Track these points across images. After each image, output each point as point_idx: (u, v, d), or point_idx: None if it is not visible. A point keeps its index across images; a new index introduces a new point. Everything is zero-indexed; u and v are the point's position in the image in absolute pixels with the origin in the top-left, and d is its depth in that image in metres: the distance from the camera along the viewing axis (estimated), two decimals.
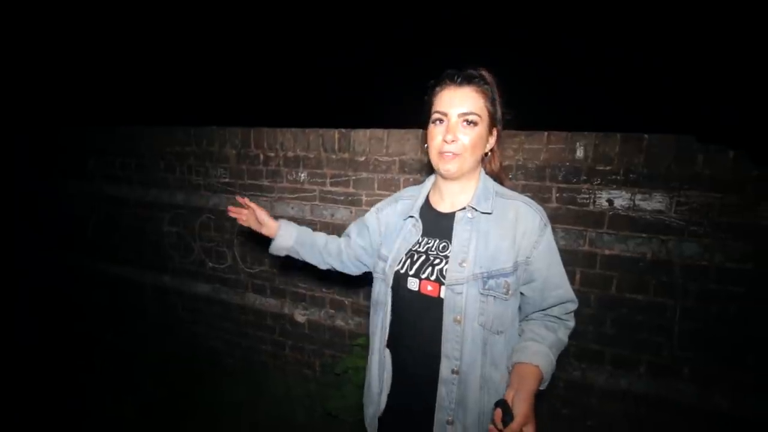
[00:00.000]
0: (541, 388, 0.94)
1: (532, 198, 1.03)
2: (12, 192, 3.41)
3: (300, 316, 2.41)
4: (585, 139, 1.63)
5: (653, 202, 1.58)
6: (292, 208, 2.28)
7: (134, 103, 6.12)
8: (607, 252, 1.68)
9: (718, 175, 1.49)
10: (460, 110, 0.92)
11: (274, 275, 2.43)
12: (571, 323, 1.03)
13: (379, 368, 1.05)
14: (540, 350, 0.94)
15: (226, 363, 2.69)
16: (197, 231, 2.62)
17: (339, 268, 1.31)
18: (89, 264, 3.18)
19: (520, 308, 1.02)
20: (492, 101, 0.95)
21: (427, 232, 1.02)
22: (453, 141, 0.92)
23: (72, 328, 3.09)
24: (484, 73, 0.96)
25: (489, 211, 0.96)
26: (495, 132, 0.98)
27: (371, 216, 1.19)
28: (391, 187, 2.02)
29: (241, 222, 1.33)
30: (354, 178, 2.09)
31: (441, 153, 0.94)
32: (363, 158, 2.05)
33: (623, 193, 1.61)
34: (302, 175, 2.22)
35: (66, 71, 5.63)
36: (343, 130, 2.07)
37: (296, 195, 2.26)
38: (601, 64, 5.29)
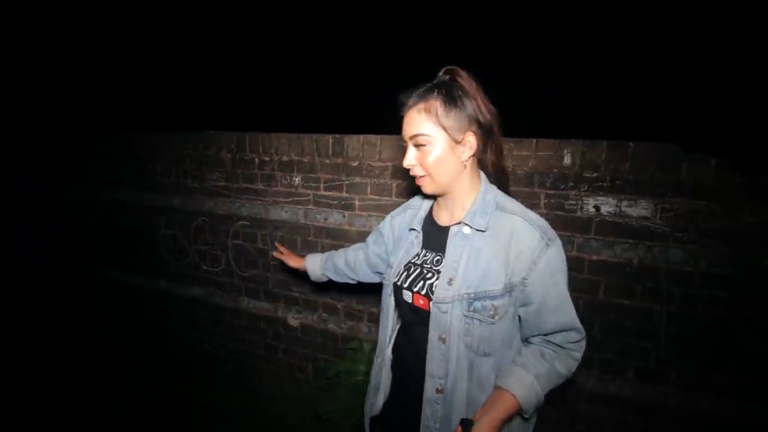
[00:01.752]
0: (525, 416, 0.90)
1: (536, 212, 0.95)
2: (12, 196, 3.43)
3: (293, 320, 2.42)
4: (572, 146, 1.66)
5: (639, 209, 1.60)
6: (286, 211, 2.30)
7: (130, 108, 6.16)
8: (594, 257, 1.70)
9: (702, 182, 1.52)
10: (409, 134, 0.90)
11: (267, 279, 2.45)
12: (577, 354, 0.94)
13: (377, 370, 1.08)
14: (522, 378, 0.88)
15: (220, 367, 2.70)
16: (192, 234, 2.64)
17: (365, 280, 1.37)
18: (86, 267, 3.19)
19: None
20: (446, 111, 0.87)
21: (426, 245, 1.01)
22: (411, 166, 0.92)
23: (68, 331, 3.10)
24: (439, 81, 0.91)
25: (482, 229, 0.90)
26: (471, 136, 0.90)
27: (386, 223, 1.22)
28: (383, 192, 2.04)
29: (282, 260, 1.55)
30: (347, 182, 2.12)
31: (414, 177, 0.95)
32: (356, 163, 2.08)
33: (610, 199, 1.64)
34: (296, 179, 2.25)
35: (63, 78, 5.67)
36: (337, 136, 2.10)
37: (290, 199, 2.28)
38: (589, 71, 5.36)
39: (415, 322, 0.98)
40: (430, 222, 1.04)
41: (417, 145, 0.90)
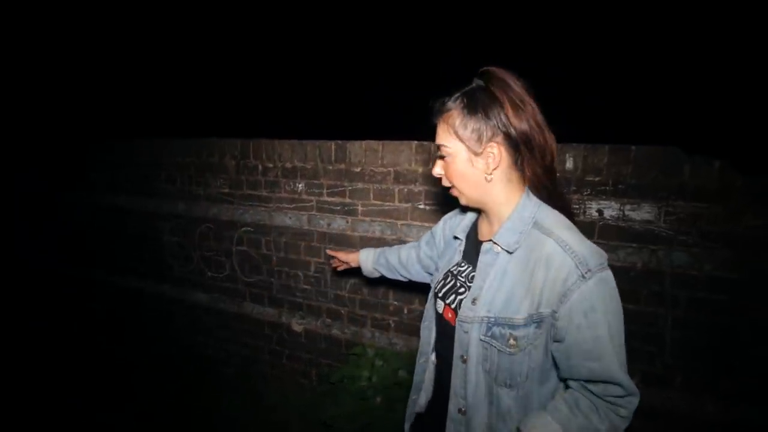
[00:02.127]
0: None
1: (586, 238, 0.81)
2: (14, 202, 3.47)
3: (297, 326, 2.43)
4: (574, 150, 1.66)
5: (642, 213, 1.60)
6: (290, 218, 2.31)
7: (135, 115, 6.23)
8: None
9: (704, 185, 1.51)
10: (435, 144, 0.89)
11: (271, 284, 2.46)
12: (624, 411, 0.79)
13: (419, 371, 1.07)
14: (546, 425, 0.79)
15: (223, 371, 2.70)
16: (197, 241, 2.66)
17: (418, 279, 1.36)
18: (89, 273, 3.21)
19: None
20: (463, 121, 0.82)
21: (465, 256, 0.97)
22: (439, 176, 0.91)
23: (69, 334, 3.11)
24: (467, 88, 0.85)
25: (509, 249, 0.83)
26: (494, 147, 0.81)
27: (439, 225, 1.20)
28: (386, 198, 2.05)
29: (339, 268, 1.55)
30: (350, 188, 2.13)
31: None
32: (359, 169, 2.09)
33: (612, 203, 1.64)
34: (300, 185, 2.26)
35: (68, 84, 5.74)
36: (340, 142, 2.12)
37: (294, 205, 2.30)
38: (589, 74, 5.37)
39: (444, 332, 0.95)
40: (473, 232, 0.99)
41: (441, 156, 0.88)
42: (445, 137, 0.85)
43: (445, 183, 0.91)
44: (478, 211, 0.97)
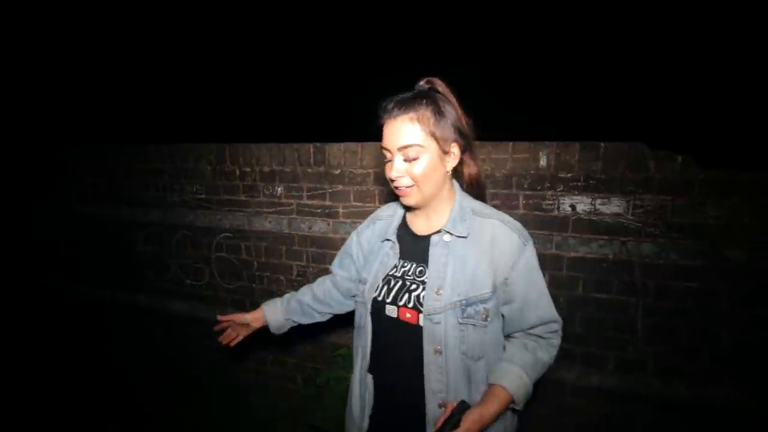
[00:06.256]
0: (517, 409, 0.93)
1: (508, 212, 1.02)
2: None
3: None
4: (547, 148, 1.72)
5: (612, 206, 1.68)
6: (270, 222, 2.29)
7: (105, 121, 6.00)
8: (572, 254, 1.76)
9: (668, 179, 1.60)
10: (398, 144, 0.87)
11: (252, 290, 2.43)
12: (556, 341, 1.00)
13: (360, 392, 1.01)
14: (510, 370, 0.92)
15: (206, 381, 2.65)
16: (174, 248, 2.60)
17: (340, 310, 1.26)
18: (59, 286, 3.08)
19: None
20: (437, 121, 0.87)
21: (404, 255, 0.99)
22: (399, 177, 0.89)
23: (39, 355, 2.98)
24: (424, 90, 0.91)
25: (464, 235, 0.92)
26: (455, 147, 0.92)
27: (352, 242, 1.17)
28: (366, 199, 2.06)
29: (233, 341, 1.32)
30: (330, 191, 2.13)
31: (395, 188, 0.92)
32: (338, 171, 2.09)
33: (584, 198, 1.70)
34: (279, 189, 2.25)
35: (33, 91, 5.48)
36: (318, 144, 2.11)
37: (273, 209, 2.28)
38: (556, 73, 5.54)
39: (400, 338, 0.93)
40: (405, 231, 1.01)
41: (406, 155, 0.88)
42: (417, 136, 0.87)
43: (406, 183, 0.89)
44: (404, 211, 1.04)
